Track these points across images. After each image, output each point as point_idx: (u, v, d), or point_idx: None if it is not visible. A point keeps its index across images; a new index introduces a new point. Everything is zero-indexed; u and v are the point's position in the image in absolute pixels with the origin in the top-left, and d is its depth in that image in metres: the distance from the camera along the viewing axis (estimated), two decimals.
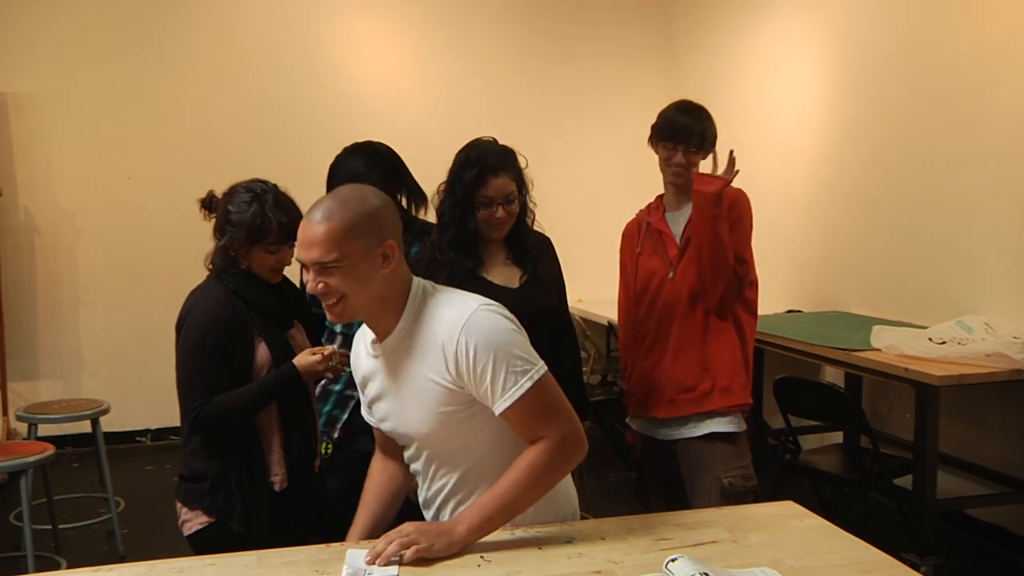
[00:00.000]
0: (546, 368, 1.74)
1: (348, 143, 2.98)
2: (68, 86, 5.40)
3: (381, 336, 1.79)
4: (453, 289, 1.84)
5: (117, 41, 5.46)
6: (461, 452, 1.80)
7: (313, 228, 1.68)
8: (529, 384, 1.69)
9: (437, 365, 1.72)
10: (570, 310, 2.89)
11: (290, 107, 5.71)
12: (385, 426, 1.88)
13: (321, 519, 2.30)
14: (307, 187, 2.81)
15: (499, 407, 1.70)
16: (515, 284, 2.45)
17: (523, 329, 1.78)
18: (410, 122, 5.93)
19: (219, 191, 2.31)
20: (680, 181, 2.77)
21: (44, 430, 4.05)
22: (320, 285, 1.69)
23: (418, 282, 1.80)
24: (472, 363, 1.69)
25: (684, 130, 2.76)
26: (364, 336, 1.88)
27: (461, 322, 1.70)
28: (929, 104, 4.14)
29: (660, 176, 2.90)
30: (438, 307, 1.76)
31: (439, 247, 2.48)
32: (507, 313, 1.77)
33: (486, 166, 2.41)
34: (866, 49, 4.54)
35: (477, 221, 2.44)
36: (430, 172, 2.52)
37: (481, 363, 1.68)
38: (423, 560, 1.63)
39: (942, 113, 4.06)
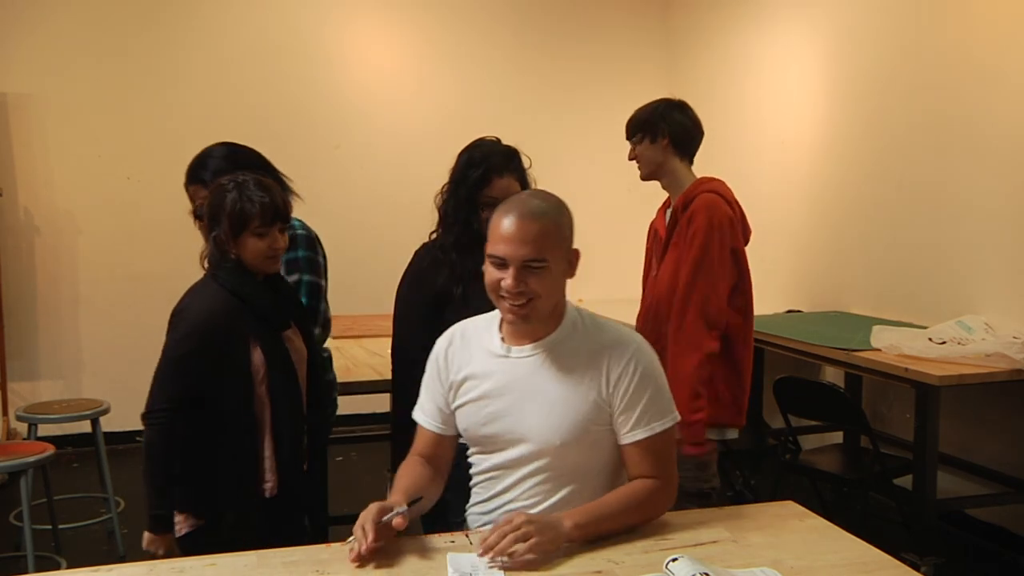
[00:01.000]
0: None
1: (348, 143, 2.99)
2: (68, 86, 5.40)
3: (525, 339, 1.80)
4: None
5: (117, 41, 5.45)
6: (575, 471, 1.80)
7: (525, 225, 1.69)
8: (671, 423, 1.77)
9: (596, 378, 1.76)
10: None
11: (291, 108, 5.71)
12: (491, 428, 1.82)
13: (314, 524, 2.29)
14: (307, 188, 2.82)
15: (636, 435, 1.76)
16: None
17: None
18: (410, 122, 5.94)
19: None
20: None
21: (44, 430, 4.05)
22: (520, 284, 1.69)
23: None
24: (632, 386, 1.75)
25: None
26: (475, 335, 1.87)
27: (631, 345, 1.78)
28: (929, 104, 4.14)
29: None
30: (599, 325, 1.82)
31: (442, 247, 2.46)
32: None
33: (491, 166, 2.39)
34: (866, 49, 4.54)
35: (481, 222, 2.42)
36: (430, 171, 2.50)
37: (640, 389, 1.75)
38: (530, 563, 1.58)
39: (942, 113, 4.06)
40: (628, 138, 2.98)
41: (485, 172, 2.39)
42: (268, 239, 2.20)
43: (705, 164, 3.09)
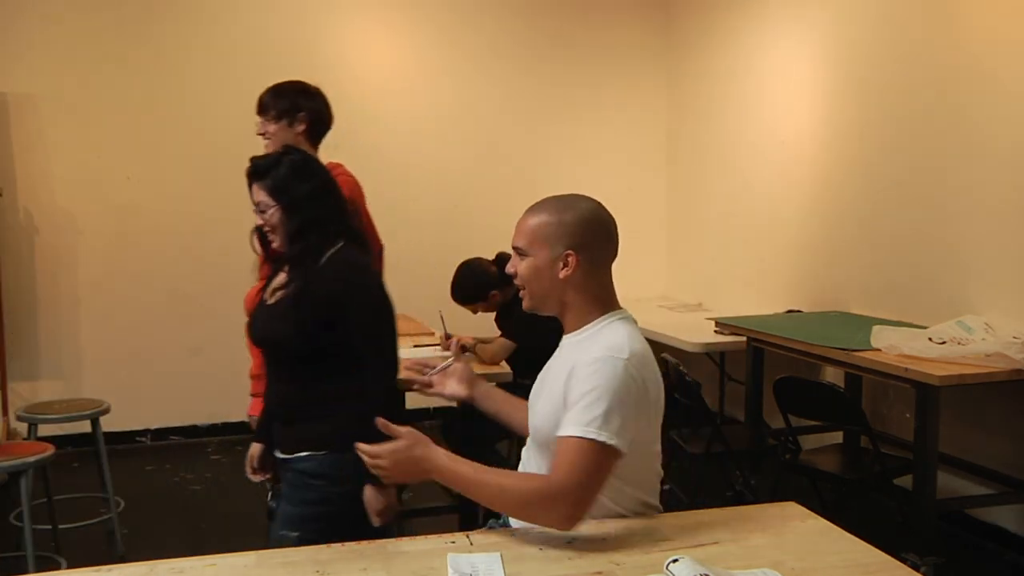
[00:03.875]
0: (617, 447, 1.70)
1: (349, 142, 3.01)
2: (68, 86, 5.40)
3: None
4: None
5: (117, 41, 5.45)
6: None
7: (521, 219, 1.91)
8: (590, 440, 1.69)
9: (566, 379, 1.80)
10: None
11: None
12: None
13: None
14: None
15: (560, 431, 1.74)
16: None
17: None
18: (411, 122, 5.93)
19: (218, 190, 2.31)
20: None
21: (44, 430, 4.05)
22: (512, 268, 1.94)
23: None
24: (576, 387, 1.75)
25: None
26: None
27: (602, 356, 1.76)
28: (929, 104, 4.14)
29: (658, 176, 2.97)
30: (606, 334, 1.83)
31: None
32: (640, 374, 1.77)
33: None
34: (866, 50, 4.54)
35: None
36: (431, 171, 2.53)
37: (580, 392, 1.74)
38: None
39: (942, 113, 4.06)
40: (260, 113, 3.03)
41: None
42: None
43: (706, 163, 3.09)
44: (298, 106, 3.08)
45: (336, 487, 2.21)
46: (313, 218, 2.25)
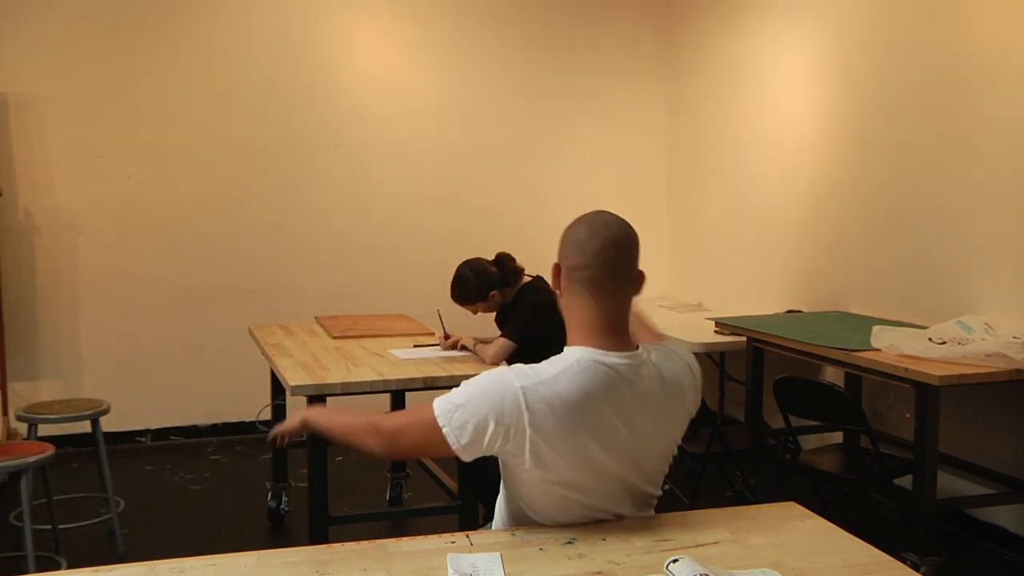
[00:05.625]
0: (442, 430, 1.73)
1: (349, 143, 2.98)
2: (68, 86, 5.40)
3: None
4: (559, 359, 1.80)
5: (118, 41, 5.45)
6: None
7: None
8: (431, 411, 1.75)
9: None
10: None
11: (291, 108, 5.70)
12: None
13: None
14: (307, 187, 2.82)
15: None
16: None
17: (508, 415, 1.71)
18: (410, 122, 5.93)
19: (219, 190, 2.28)
20: None
21: (44, 430, 4.05)
22: None
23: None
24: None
25: None
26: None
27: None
28: (929, 104, 4.14)
29: (658, 176, 2.95)
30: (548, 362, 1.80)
31: None
32: (523, 393, 1.70)
33: None
34: (866, 50, 4.54)
35: None
36: (430, 170, 2.51)
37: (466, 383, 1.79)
38: None
39: (942, 113, 4.07)
40: None
41: None
42: None
43: (707, 164, 3.08)
44: None
45: None
46: None
